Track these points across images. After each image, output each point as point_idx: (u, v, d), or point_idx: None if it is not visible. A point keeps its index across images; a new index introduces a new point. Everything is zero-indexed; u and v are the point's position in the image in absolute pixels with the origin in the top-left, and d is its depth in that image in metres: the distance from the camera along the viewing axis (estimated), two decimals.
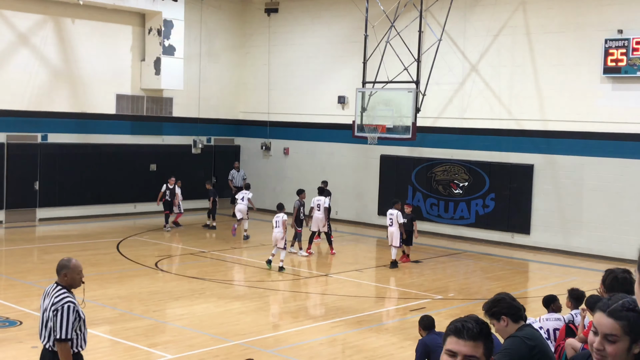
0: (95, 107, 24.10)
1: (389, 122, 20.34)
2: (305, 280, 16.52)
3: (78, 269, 6.63)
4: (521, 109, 21.26)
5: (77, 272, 6.62)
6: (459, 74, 22.34)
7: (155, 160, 25.75)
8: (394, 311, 14.20)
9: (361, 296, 15.08)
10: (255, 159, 27.85)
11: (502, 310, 5.25)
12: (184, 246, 20.08)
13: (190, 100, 26.63)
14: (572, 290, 9.66)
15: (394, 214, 17.92)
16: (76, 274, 6.61)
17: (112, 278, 15.72)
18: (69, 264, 6.61)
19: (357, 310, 13.84)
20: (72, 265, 6.61)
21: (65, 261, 6.65)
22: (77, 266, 6.63)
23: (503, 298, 5.29)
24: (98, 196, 24.38)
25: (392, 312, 14.09)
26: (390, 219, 17.93)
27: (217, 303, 13.91)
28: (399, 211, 17.98)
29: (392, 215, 17.93)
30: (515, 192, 21.36)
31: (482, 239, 22.00)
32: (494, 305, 5.28)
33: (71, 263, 6.62)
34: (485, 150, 21.97)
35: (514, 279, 17.17)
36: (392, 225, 17.91)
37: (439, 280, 16.74)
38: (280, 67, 26.88)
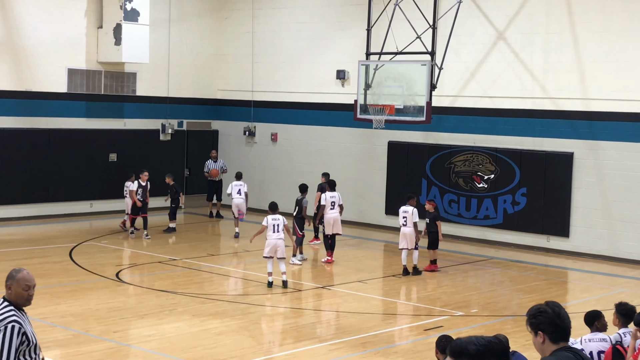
0: (41, 84, 24.05)
1: (398, 101, 20.33)
2: (298, 293, 16.53)
3: (24, 283, 6.55)
4: (558, 86, 21.27)
5: (22, 287, 6.54)
6: (483, 43, 22.33)
7: (116, 148, 25.73)
8: (406, 331, 14.22)
9: (365, 312, 15.08)
10: (236, 147, 27.83)
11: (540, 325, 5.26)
12: (151, 253, 20.07)
13: (158, 75, 26.60)
14: (620, 305, 9.68)
15: (408, 211, 17.98)
16: (21, 289, 6.54)
17: (64, 292, 15.69)
18: (15, 274, 6.57)
19: (360, 329, 13.83)
20: (19, 277, 6.55)
21: (13, 271, 6.62)
22: (23, 279, 6.57)
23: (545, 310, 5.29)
24: (46, 193, 24.35)
25: (403, 332, 14.11)
26: (405, 217, 17.99)
27: (192, 322, 13.91)
28: (414, 208, 18.04)
29: (406, 213, 17.99)
30: (552, 186, 21.39)
31: (511, 243, 22.04)
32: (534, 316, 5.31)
33: (18, 274, 6.57)
34: (514, 135, 21.99)
35: (550, 292, 17.20)
36: (407, 225, 17.98)
37: (460, 293, 16.76)
38: (267, 35, 26.84)
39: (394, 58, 21.28)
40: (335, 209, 19.35)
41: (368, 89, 20.84)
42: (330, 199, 19.38)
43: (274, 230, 16.43)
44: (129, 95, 26.01)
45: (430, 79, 19.84)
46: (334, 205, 19.32)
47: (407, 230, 17.96)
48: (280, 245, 16.46)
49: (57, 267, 18.04)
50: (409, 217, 17.94)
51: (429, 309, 15.44)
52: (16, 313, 6.49)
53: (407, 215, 17.97)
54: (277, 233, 16.42)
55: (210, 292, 16.29)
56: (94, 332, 13.11)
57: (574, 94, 21.03)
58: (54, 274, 17.25)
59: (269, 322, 14.35)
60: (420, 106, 19.93)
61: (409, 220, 17.94)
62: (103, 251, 20.18)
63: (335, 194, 19.50)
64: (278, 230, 16.44)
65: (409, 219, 17.94)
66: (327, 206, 19.30)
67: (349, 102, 22.59)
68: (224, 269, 18.63)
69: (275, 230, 16.42)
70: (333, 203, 19.34)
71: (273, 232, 16.42)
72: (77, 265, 18.27)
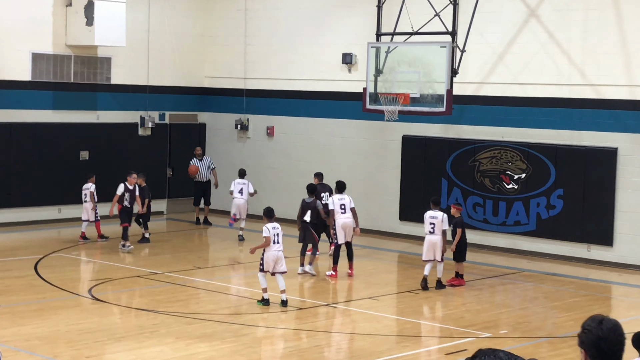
0: (1, 71, 24.05)
1: (413, 89, 20.31)
2: (299, 312, 16.52)
3: None
4: (599, 70, 21.24)
5: None
6: (512, 22, 22.31)
7: (88, 145, 25.72)
8: (424, 355, 14.21)
9: (377, 334, 15.04)
10: (227, 143, 27.82)
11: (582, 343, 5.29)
12: (129, 266, 20.06)
13: (136, 61, 26.59)
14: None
15: (438, 217, 18.04)
16: None
17: (28, 311, 15.66)
18: None
19: (372, 354, 13.79)
20: None
21: None
22: None
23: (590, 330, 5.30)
24: (7, 197, 24.34)
25: (421, 357, 14.09)
26: (433, 223, 18.01)
27: (176, 345, 13.89)
28: (444, 214, 18.17)
29: (434, 219, 18.03)
30: (592, 187, 21.36)
31: (545, 253, 22.03)
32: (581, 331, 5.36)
33: None
34: (549, 128, 21.97)
35: (591, 309, 17.15)
36: (434, 233, 18.02)
37: (486, 312, 16.74)
38: (262, 13, 26.84)
39: (409, 39, 21.24)
40: (347, 213, 19.25)
41: (379, 75, 20.81)
42: (339, 202, 19.26)
43: (275, 241, 16.35)
44: (102, 84, 26.00)
45: (451, 63, 19.81)
46: (344, 209, 19.20)
47: (435, 238, 17.98)
48: (281, 258, 16.41)
49: (21, 283, 18.01)
50: (437, 223, 17.97)
51: (451, 330, 15.41)
52: None
53: (436, 222, 17.99)
54: (278, 244, 16.37)
55: (198, 311, 16.28)
56: (64, 357, 13.09)
57: (618, 80, 21.00)
58: (16, 291, 17.22)
59: (265, 345, 14.33)
60: (440, 95, 19.91)
61: (437, 227, 17.96)
62: (74, 264, 20.16)
63: (345, 196, 19.41)
64: (279, 241, 16.38)
65: (437, 225, 17.96)
66: (336, 210, 19.16)
67: (357, 91, 22.57)
68: (213, 283, 18.61)
69: (276, 241, 16.36)
70: (343, 206, 19.22)
71: (274, 243, 16.34)
72: (43, 281, 18.24)
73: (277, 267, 16.36)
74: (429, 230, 18.08)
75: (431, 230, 18.04)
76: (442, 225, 17.96)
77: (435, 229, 17.98)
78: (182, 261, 20.60)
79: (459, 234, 18.44)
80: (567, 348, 14.25)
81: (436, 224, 17.99)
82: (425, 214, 18.37)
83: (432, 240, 18.01)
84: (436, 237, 17.97)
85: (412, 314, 16.59)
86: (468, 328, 15.42)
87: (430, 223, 18.08)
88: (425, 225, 18.22)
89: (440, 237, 17.96)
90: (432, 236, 18.02)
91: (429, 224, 18.11)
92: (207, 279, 19.01)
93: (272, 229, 16.40)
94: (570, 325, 15.79)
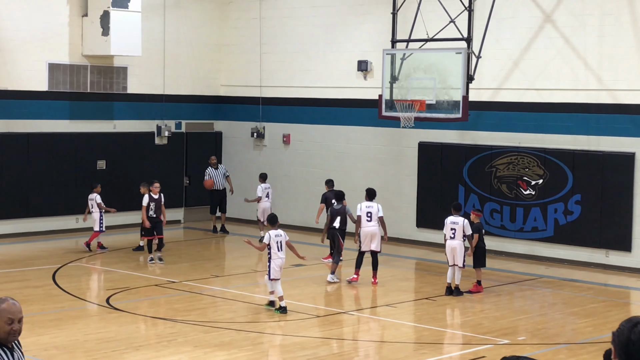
0: (18, 82, 24.17)
1: (429, 96, 20.29)
2: (316, 320, 16.51)
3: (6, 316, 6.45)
4: (616, 75, 21.18)
5: (4, 320, 6.44)
6: (528, 27, 22.27)
7: (105, 154, 25.81)
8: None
9: (395, 341, 15.04)
10: (242, 151, 27.86)
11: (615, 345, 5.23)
12: (147, 275, 20.10)
13: (152, 70, 26.68)
14: None
15: (459, 222, 18.08)
16: (3, 322, 6.45)
17: (46, 320, 15.72)
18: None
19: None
20: (1, 308, 6.45)
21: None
22: (7, 310, 6.46)
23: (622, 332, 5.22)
24: (25, 207, 24.44)
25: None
26: (454, 229, 18.04)
27: (194, 354, 13.90)
28: (465, 219, 18.26)
29: (456, 225, 18.06)
30: (610, 192, 21.28)
31: (563, 259, 21.95)
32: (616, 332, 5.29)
33: (2, 305, 6.48)
34: (566, 133, 21.91)
35: (610, 316, 17.10)
36: (455, 239, 18.06)
37: (504, 318, 16.69)
38: (277, 21, 26.89)
39: (424, 46, 21.24)
40: (373, 221, 19.24)
41: (394, 82, 20.81)
42: (366, 210, 19.27)
43: (278, 249, 16.46)
44: (118, 94, 26.09)
45: (467, 69, 19.80)
46: (370, 218, 19.20)
47: (456, 243, 18.03)
48: (282, 265, 16.63)
49: (39, 293, 18.06)
50: (458, 229, 18.04)
51: (469, 337, 15.38)
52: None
53: (457, 227, 18.05)
54: (282, 251, 16.50)
55: (215, 320, 16.30)
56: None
57: (635, 84, 20.92)
58: (35, 301, 17.27)
59: (283, 353, 14.33)
60: (456, 101, 19.89)
61: (458, 232, 18.00)
62: (91, 273, 20.22)
63: (373, 204, 19.39)
64: (282, 249, 16.51)
65: (458, 231, 18.00)
66: (362, 218, 19.21)
67: (373, 98, 22.57)
68: (231, 292, 18.62)
69: (280, 248, 16.47)
70: (369, 214, 19.22)
71: (278, 251, 16.46)
72: (61, 290, 18.30)
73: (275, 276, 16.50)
74: (450, 236, 18.12)
75: (452, 235, 18.11)
76: (463, 230, 18.01)
77: (456, 235, 18.04)
78: (199, 270, 20.63)
79: (475, 238, 18.45)
80: (586, 354, 14.19)
81: (457, 229, 18.05)
82: (446, 220, 18.40)
83: (452, 245, 18.08)
84: (457, 242, 18.04)
85: (430, 321, 16.56)
86: (486, 335, 15.38)
87: (451, 229, 18.14)
88: (446, 231, 18.25)
89: (460, 242, 18.03)
90: (453, 241, 18.09)
91: (450, 230, 18.15)
92: (225, 287, 19.02)
93: (275, 236, 16.53)
94: (589, 332, 15.73)
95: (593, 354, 13.93)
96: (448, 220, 18.29)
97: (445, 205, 23.39)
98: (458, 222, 18.13)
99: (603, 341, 14.64)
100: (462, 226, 18.06)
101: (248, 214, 26.64)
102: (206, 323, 15.87)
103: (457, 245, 18.05)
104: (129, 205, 24.84)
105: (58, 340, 14.50)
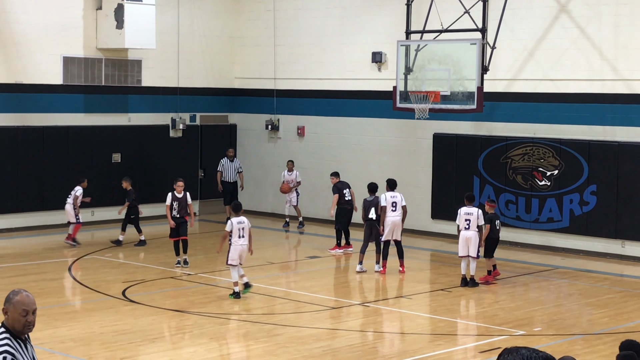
0: (33, 75, 24.25)
1: (444, 87, 20.27)
2: (332, 311, 16.54)
3: (21, 308, 6.48)
4: (631, 65, 21.11)
5: (19, 312, 6.48)
6: (543, 18, 22.22)
7: (120, 147, 25.88)
8: (458, 353, 14.18)
9: (410, 333, 15.06)
10: (257, 143, 27.89)
11: None
12: (162, 267, 20.16)
13: (166, 63, 26.72)
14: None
15: (473, 213, 18.13)
16: (18, 314, 6.49)
17: (62, 313, 15.79)
18: (12, 297, 6.53)
19: (405, 352, 13.82)
20: (15, 300, 6.50)
21: (11, 293, 6.58)
22: (20, 302, 6.50)
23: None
24: (40, 200, 24.54)
25: (454, 356, 14.06)
26: (468, 220, 18.07)
27: (209, 346, 13.94)
28: (479, 209, 18.33)
29: (470, 216, 18.11)
30: (626, 182, 21.22)
31: (579, 250, 21.91)
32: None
33: (15, 297, 6.52)
34: (582, 124, 21.86)
35: (626, 306, 17.07)
36: (470, 229, 18.14)
37: (520, 309, 16.68)
38: (291, 13, 26.88)
39: (439, 37, 21.21)
40: (398, 211, 19.40)
41: (409, 74, 20.78)
42: (391, 199, 19.40)
43: (240, 236, 16.80)
44: (133, 87, 26.15)
45: (482, 60, 19.76)
46: (395, 207, 19.36)
47: (470, 234, 18.07)
48: (245, 252, 16.94)
49: (55, 285, 18.14)
50: (473, 219, 18.09)
51: (485, 328, 15.38)
52: (11, 342, 6.47)
53: (471, 218, 18.09)
54: (243, 238, 16.85)
55: (231, 311, 16.34)
56: (98, 358, 13.18)
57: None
58: (51, 293, 17.36)
59: (299, 345, 14.36)
60: (470, 92, 19.86)
61: (473, 223, 18.05)
62: (107, 266, 20.28)
63: (397, 194, 19.56)
64: (244, 235, 16.85)
65: (473, 221, 18.06)
66: (388, 208, 19.31)
67: (388, 89, 22.56)
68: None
69: (241, 235, 16.82)
70: (394, 204, 19.37)
71: (239, 238, 16.81)
72: (77, 283, 18.38)
73: (242, 261, 16.96)
74: (464, 227, 18.13)
75: (466, 226, 18.12)
76: (477, 221, 18.03)
77: (471, 225, 18.05)
78: (214, 262, 20.66)
79: (487, 229, 18.45)
80: (602, 345, 14.17)
81: (471, 220, 18.08)
82: (459, 210, 18.40)
83: (467, 235, 18.11)
84: (471, 232, 18.06)
85: (445, 312, 16.56)
86: (502, 326, 15.37)
87: (465, 220, 18.14)
88: (460, 222, 18.25)
89: (475, 233, 18.05)
90: (467, 232, 18.10)
91: (464, 220, 18.16)
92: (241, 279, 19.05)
93: (237, 223, 16.85)
94: (605, 322, 15.70)
95: (609, 345, 13.91)
96: (462, 211, 18.30)
97: (461, 197, 23.42)
98: (472, 212, 18.15)
99: (619, 332, 14.62)
100: (476, 217, 18.10)
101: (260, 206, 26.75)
102: (222, 315, 15.92)
103: (471, 236, 18.07)
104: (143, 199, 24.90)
105: (74, 332, 14.57)
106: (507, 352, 4.56)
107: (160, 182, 25.21)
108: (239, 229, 16.82)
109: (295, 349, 14.11)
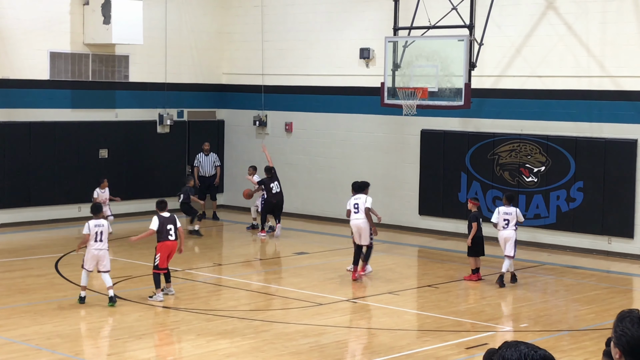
0: (19, 70, 24.17)
1: (432, 83, 20.30)
2: (319, 308, 16.55)
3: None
4: (618, 62, 21.16)
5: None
6: (530, 14, 22.25)
7: (107, 143, 25.83)
8: (445, 349, 14.21)
9: (398, 329, 15.09)
10: (245, 139, 27.87)
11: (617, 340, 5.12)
12: (149, 263, 20.12)
13: (154, 58, 26.67)
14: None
15: (511, 212, 18.26)
16: None
17: (49, 310, 15.77)
18: None
19: (392, 348, 13.85)
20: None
21: None
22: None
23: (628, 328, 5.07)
24: (27, 196, 24.48)
25: (441, 351, 14.09)
26: (507, 220, 18.27)
27: (197, 342, 13.95)
28: (517, 209, 18.45)
29: (509, 215, 18.28)
30: (613, 179, 21.29)
31: (566, 246, 21.97)
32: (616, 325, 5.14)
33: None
34: (569, 120, 21.91)
35: (613, 302, 17.13)
36: (508, 228, 18.22)
37: (507, 305, 16.73)
38: (278, 9, 26.87)
39: (426, 33, 21.22)
40: (360, 213, 18.43)
41: (397, 70, 20.80)
42: (354, 201, 18.64)
43: (96, 239, 15.72)
44: (120, 82, 26.09)
45: (469, 56, 19.79)
46: (357, 208, 18.71)
47: (508, 233, 18.10)
48: (104, 257, 15.81)
49: (42, 281, 18.11)
50: (512, 219, 18.15)
51: (472, 324, 15.42)
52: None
53: (510, 218, 18.16)
54: (100, 242, 15.73)
55: (218, 308, 16.34)
56: (85, 355, 13.17)
57: (638, 71, 20.91)
58: (37, 289, 17.33)
59: (286, 341, 14.38)
60: (458, 88, 19.89)
61: (512, 222, 18.14)
62: None
63: (362, 195, 18.44)
64: (102, 239, 15.74)
65: (512, 221, 18.15)
66: (351, 210, 18.65)
67: (375, 86, 22.58)
68: (234, 280, 18.66)
69: (98, 239, 15.74)
70: (356, 205, 18.53)
71: (95, 242, 15.72)
72: (64, 279, 18.34)
73: (100, 267, 15.91)
74: (503, 226, 18.16)
75: (505, 225, 18.14)
76: (516, 220, 18.15)
77: (510, 225, 18.07)
78: (201, 258, 20.67)
79: (474, 228, 18.45)
80: (589, 341, 14.23)
81: (510, 219, 18.11)
82: (497, 209, 18.48)
83: (505, 235, 18.15)
84: (509, 232, 18.09)
85: (432, 308, 16.60)
86: (489, 322, 15.42)
87: (504, 219, 18.17)
88: (499, 221, 18.23)
89: (513, 232, 18.07)
90: (505, 231, 18.15)
91: (502, 220, 18.19)
92: (227, 276, 19.06)
93: (95, 226, 15.76)
94: (592, 318, 15.77)
95: (595, 341, 13.97)
96: (500, 210, 18.32)
97: (448, 193, 23.50)
98: (511, 212, 18.16)
99: (605, 328, 14.68)
100: (515, 216, 18.13)
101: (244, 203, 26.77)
102: (209, 311, 15.92)
103: (510, 236, 18.08)
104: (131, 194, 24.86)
105: (61, 329, 14.54)
106: (506, 346, 4.53)
107: (147, 178, 25.15)
108: (96, 232, 15.57)
109: (282, 345, 14.12)
